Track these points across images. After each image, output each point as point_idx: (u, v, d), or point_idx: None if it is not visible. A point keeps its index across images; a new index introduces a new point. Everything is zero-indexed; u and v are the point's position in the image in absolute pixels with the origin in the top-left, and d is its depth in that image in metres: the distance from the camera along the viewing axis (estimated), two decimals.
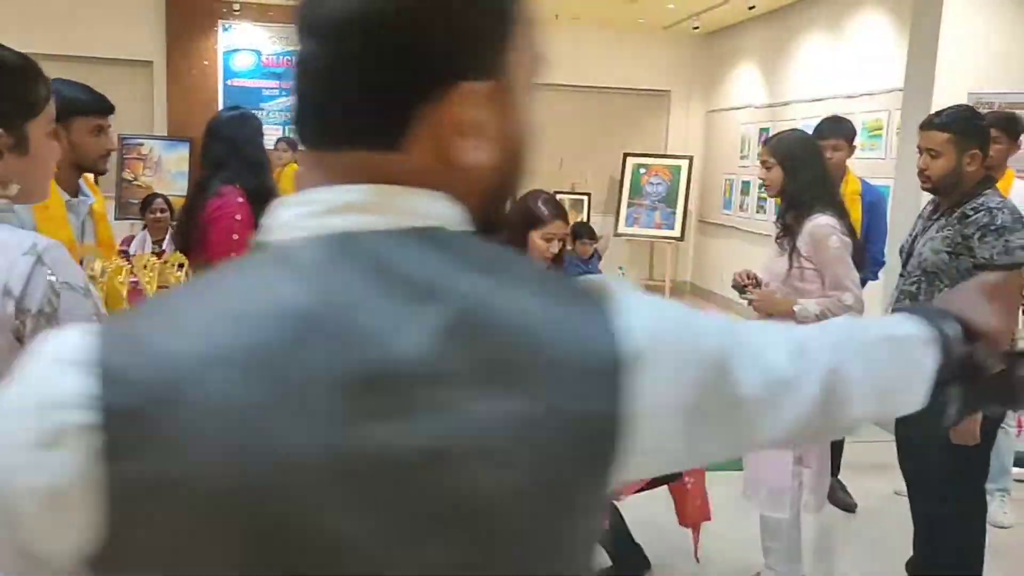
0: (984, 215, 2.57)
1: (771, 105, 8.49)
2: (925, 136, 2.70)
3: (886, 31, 6.67)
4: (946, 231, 2.64)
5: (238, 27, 9.07)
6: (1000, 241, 2.54)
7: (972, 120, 2.71)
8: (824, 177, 2.94)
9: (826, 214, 2.83)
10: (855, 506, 3.95)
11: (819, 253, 2.82)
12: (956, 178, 2.66)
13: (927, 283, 2.68)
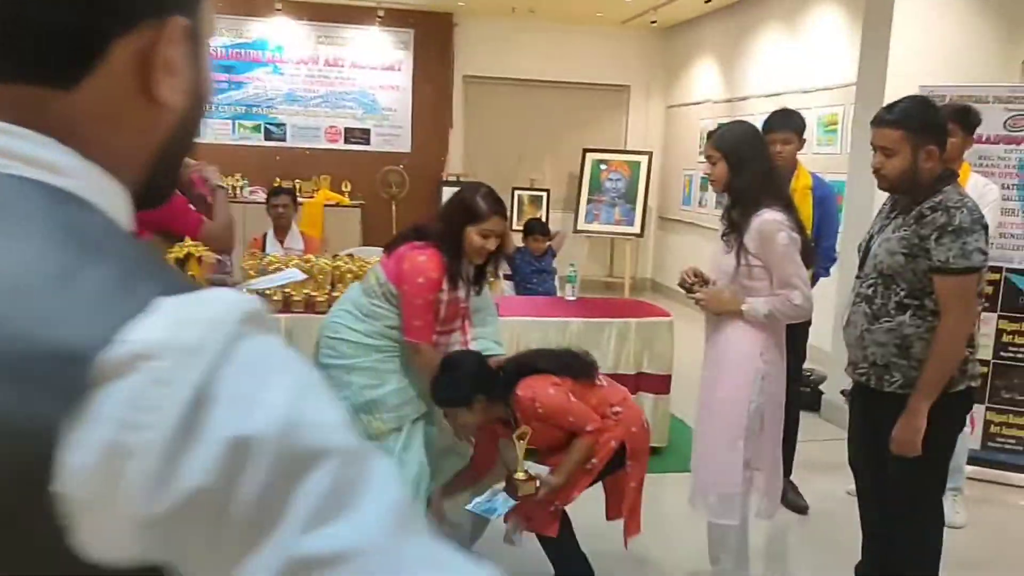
0: (941, 215, 2.41)
1: (729, 100, 8.43)
2: (878, 133, 2.53)
3: (841, 25, 6.63)
4: (903, 231, 2.49)
5: None
6: (957, 243, 2.38)
7: (927, 114, 2.52)
8: (771, 171, 2.82)
9: (773, 209, 2.71)
10: (807, 508, 3.87)
11: (767, 250, 2.69)
12: (913, 176, 2.48)
13: (883, 286, 2.54)
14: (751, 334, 2.74)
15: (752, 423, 2.74)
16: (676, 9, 8.49)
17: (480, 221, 2.68)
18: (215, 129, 8.95)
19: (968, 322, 2.46)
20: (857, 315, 2.61)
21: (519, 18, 9.24)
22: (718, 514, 2.81)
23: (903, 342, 2.49)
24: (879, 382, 2.55)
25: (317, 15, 9.05)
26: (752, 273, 2.74)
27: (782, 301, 2.70)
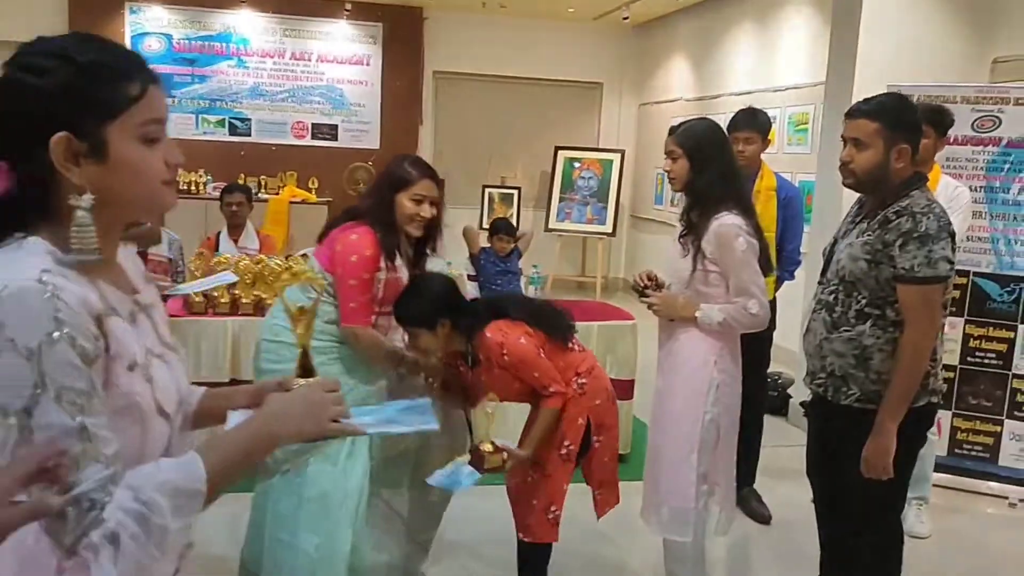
0: (907, 220, 2.28)
1: (701, 98, 8.35)
2: (851, 125, 2.38)
3: (812, 24, 6.56)
4: (867, 236, 2.35)
5: (147, 9, 8.59)
6: (923, 251, 2.25)
7: (905, 112, 2.39)
8: (733, 172, 2.69)
9: (732, 213, 2.59)
10: (770, 517, 3.77)
11: (724, 255, 2.58)
12: (882, 174, 2.35)
13: (844, 293, 2.40)
14: (705, 342, 2.64)
15: (707, 435, 2.63)
16: (648, 6, 8.39)
17: (410, 186, 2.58)
18: (177, 123, 8.72)
19: (932, 333, 2.33)
20: (817, 323, 2.49)
21: (490, 13, 9.10)
22: (670, 530, 2.70)
23: (862, 353, 2.37)
24: (836, 394, 2.43)
25: (283, 7, 8.87)
26: (708, 279, 2.62)
27: (738, 309, 2.59)
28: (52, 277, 1.00)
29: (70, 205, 1.04)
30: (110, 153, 1.07)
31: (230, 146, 8.86)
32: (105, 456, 0.99)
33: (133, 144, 1.09)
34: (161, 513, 0.99)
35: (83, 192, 1.05)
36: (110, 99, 1.07)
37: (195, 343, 3.87)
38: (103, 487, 0.97)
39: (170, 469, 1.04)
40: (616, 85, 9.96)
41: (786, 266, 3.76)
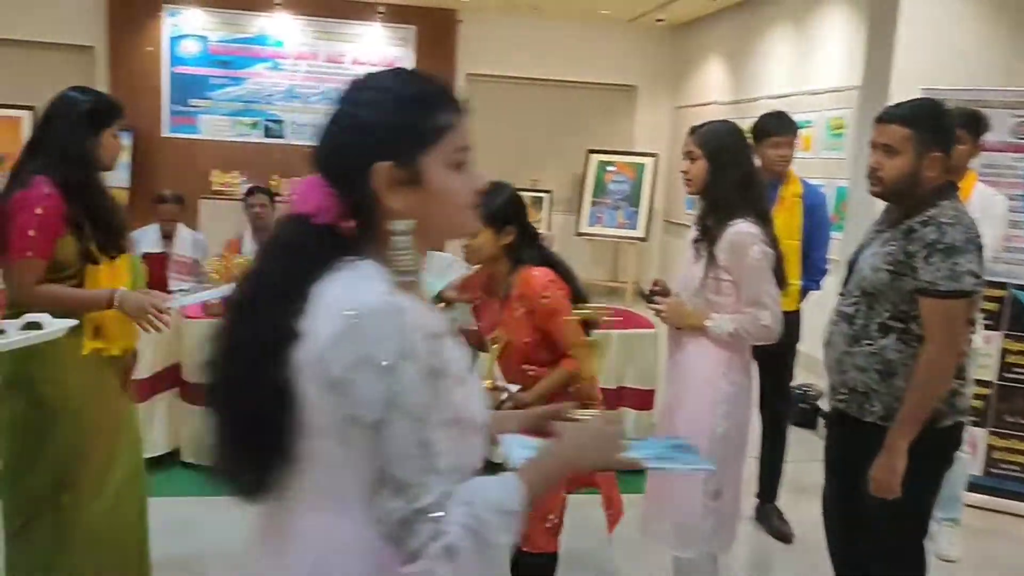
0: (932, 231, 2.16)
1: (737, 101, 8.20)
2: (881, 130, 2.26)
3: (850, 26, 6.39)
4: (889, 246, 2.24)
5: (185, 12, 8.68)
6: (947, 263, 2.13)
7: (939, 118, 2.26)
8: (752, 178, 2.59)
9: (748, 220, 2.50)
10: (792, 536, 3.65)
11: (737, 264, 2.49)
12: (912, 183, 2.23)
13: (866, 305, 2.29)
14: (715, 353, 2.55)
15: (716, 449, 2.53)
16: (683, 7, 8.27)
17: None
18: (213, 125, 8.82)
19: (953, 351, 2.21)
20: (836, 336, 2.38)
21: (523, 15, 9.05)
22: (674, 545, 2.62)
23: (886, 368, 2.25)
24: (859, 410, 2.32)
25: (318, 10, 8.90)
26: (720, 287, 2.53)
27: (750, 320, 2.49)
28: (396, 299, 1.08)
29: (390, 230, 1.13)
30: (426, 180, 1.15)
31: (264, 148, 8.92)
32: (442, 470, 1.06)
33: (445, 171, 1.16)
34: (491, 530, 1.06)
35: (403, 217, 1.13)
36: (427, 129, 1.16)
37: None
38: (443, 500, 1.05)
39: (494, 487, 1.11)
40: (650, 88, 9.84)
41: (812, 275, 3.64)
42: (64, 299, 2.28)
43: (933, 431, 2.22)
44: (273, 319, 1.08)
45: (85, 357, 2.32)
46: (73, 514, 2.36)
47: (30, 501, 2.37)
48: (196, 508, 3.57)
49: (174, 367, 3.96)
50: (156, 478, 3.80)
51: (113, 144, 2.40)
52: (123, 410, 2.47)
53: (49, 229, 2.23)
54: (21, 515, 2.39)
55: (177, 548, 3.24)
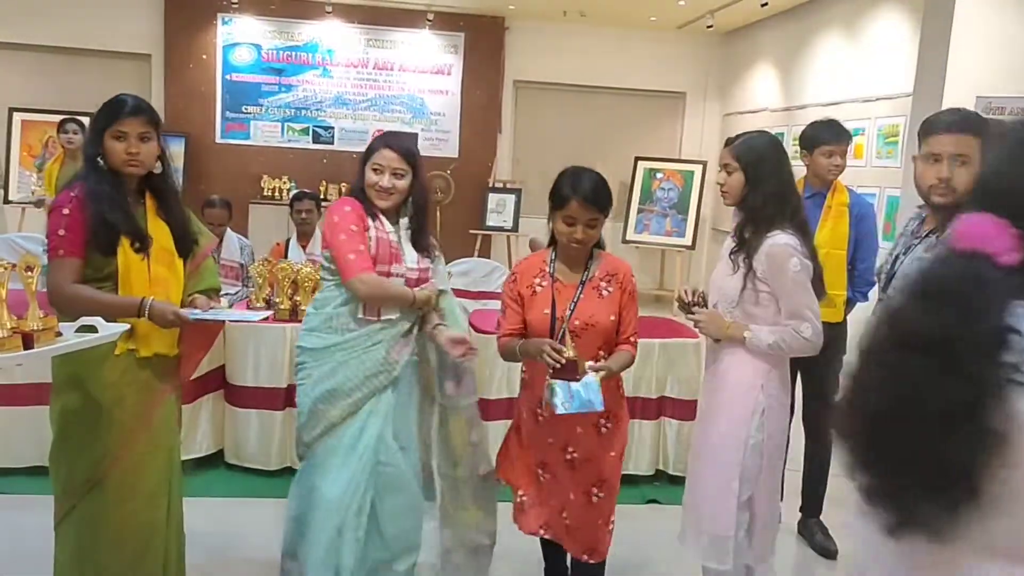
0: None
1: (787, 109, 8.08)
2: (953, 139, 2.25)
3: (903, 32, 6.25)
4: (936, 251, 2.23)
5: (238, 21, 8.86)
6: None
7: (987, 124, 2.31)
8: (790, 189, 2.56)
9: (787, 232, 2.47)
10: (836, 552, 3.56)
11: (776, 277, 2.46)
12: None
13: None
14: (752, 365, 2.51)
15: (749, 461, 2.50)
16: (733, 14, 8.17)
17: (371, 155, 2.62)
18: (264, 131, 8.98)
19: None
20: None
21: (571, 22, 9.04)
22: (709, 556, 2.57)
23: None
24: None
25: (367, 18, 9.01)
26: (758, 299, 2.50)
27: (790, 333, 2.45)
28: None
29: None
30: None
31: (313, 154, 9.05)
32: None
33: None
34: None
35: None
36: None
37: (255, 349, 3.92)
38: None
39: None
40: (700, 95, 9.75)
41: (859, 287, 3.56)
42: (95, 301, 2.31)
43: None
44: (982, 363, 1.03)
45: (118, 357, 2.36)
46: (101, 512, 2.40)
47: (66, 494, 2.43)
48: (238, 509, 3.63)
49: (219, 370, 4.03)
50: (200, 479, 3.88)
51: (115, 147, 2.33)
52: (159, 413, 2.50)
53: (77, 228, 2.27)
54: (62, 509, 2.45)
55: (219, 549, 3.29)
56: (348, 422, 2.60)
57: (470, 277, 5.51)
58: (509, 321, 2.62)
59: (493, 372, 4.07)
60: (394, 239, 2.63)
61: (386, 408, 2.64)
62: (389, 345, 2.60)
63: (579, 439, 2.60)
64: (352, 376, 2.58)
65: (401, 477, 2.68)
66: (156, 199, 2.46)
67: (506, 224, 8.74)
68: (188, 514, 2.73)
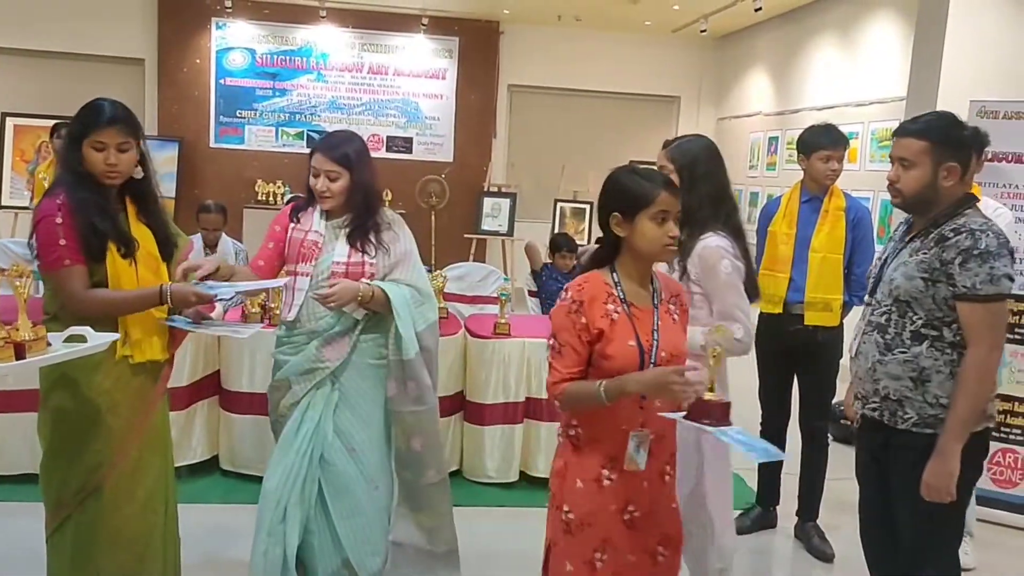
0: (966, 238, 2.22)
1: (781, 113, 8.11)
2: (899, 144, 2.34)
3: (896, 36, 6.28)
4: (921, 255, 2.28)
5: (232, 25, 8.85)
6: (984, 268, 2.19)
7: (953, 129, 2.32)
8: (725, 192, 2.60)
9: (719, 235, 2.51)
10: (832, 555, 3.56)
11: (708, 278, 2.49)
12: (931, 194, 2.29)
13: (899, 313, 2.32)
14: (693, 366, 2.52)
15: (696, 459, 2.52)
16: (727, 18, 8.20)
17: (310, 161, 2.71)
18: (258, 136, 8.97)
19: (998, 353, 2.25)
20: (868, 345, 2.41)
21: (566, 26, 9.06)
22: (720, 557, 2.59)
23: (920, 375, 2.29)
24: (892, 418, 2.34)
25: (361, 22, 9.01)
26: (693, 301, 2.50)
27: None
28: None
29: None
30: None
31: (307, 159, 9.00)
32: None
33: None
34: None
35: None
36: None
37: (250, 354, 3.91)
38: None
39: None
40: (694, 99, 9.78)
41: (855, 291, 3.56)
42: (117, 301, 2.32)
43: (970, 436, 2.25)
44: None
45: (112, 364, 2.35)
46: (97, 519, 2.38)
47: (60, 505, 2.41)
48: (233, 514, 3.62)
49: (214, 375, 4.01)
50: (194, 485, 3.86)
51: (94, 157, 2.30)
52: (153, 418, 2.49)
53: (72, 235, 2.26)
54: (56, 519, 2.43)
55: (213, 554, 3.28)
56: (293, 414, 2.69)
57: (466, 282, 5.50)
58: (568, 362, 2.04)
59: (489, 376, 4.05)
60: (316, 237, 2.68)
61: (323, 402, 2.68)
62: (319, 345, 2.66)
63: (643, 494, 2.12)
64: (292, 368, 2.70)
65: (343, 477, 2.69)
66: (136, 204, 2.45)
67: (501, 228, 8.73)
68: (183, 520, 2.72)
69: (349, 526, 2.69)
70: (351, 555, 2.68)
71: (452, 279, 5.10)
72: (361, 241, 2.67)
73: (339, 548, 2.68)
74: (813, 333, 3.52)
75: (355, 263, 2.66)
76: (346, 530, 2.68)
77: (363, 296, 2.62)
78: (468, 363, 4.16)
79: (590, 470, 2.09)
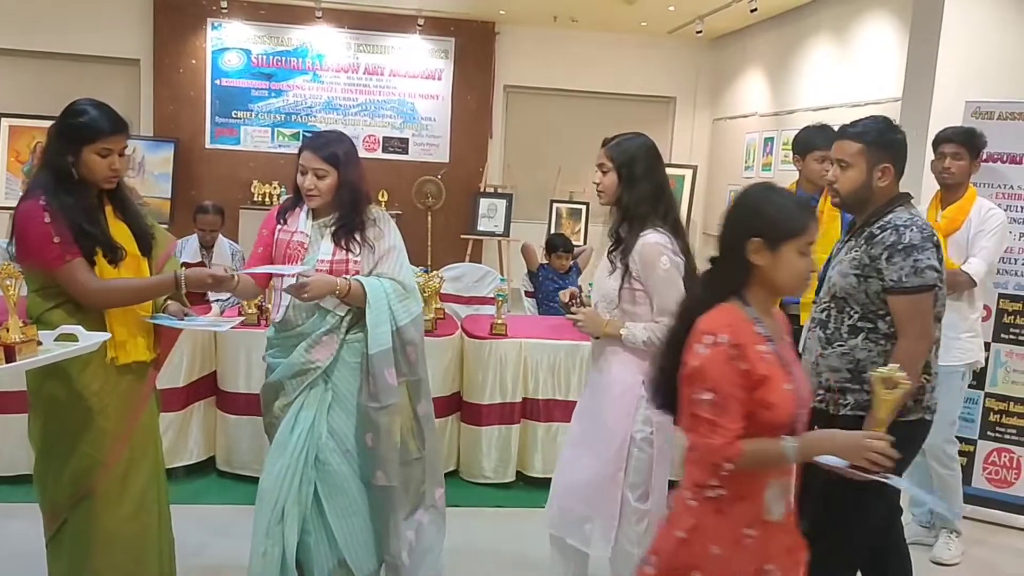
0: (891, 234, 2.36)
1: (776, 113, 8.12)
2: (838, 146, 2.50)
3: (891, 37, 6.30)
4: (854, 252, 2.44)
5: (228, 26, 8.84)
6: (909, 261, 2.33)
7: (887, 132, 2.46)
8: (663, 190, 2.63)
9: (659, 231, 2.55)
10: None
11: (648, 274, 2.53)
12: (866, 193, 2.45)
13: (836, 310, 2.47)
14: (633, 361, 2.57)
15: (642, 453, 2.57)
16: (722, 19, 8.21)
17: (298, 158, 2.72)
18: (254, 136, 8.96)
19: (926, 343, 2.38)
20: (812, 341, 2.55)
21: (561, 27, 9.06)
22: (591, 544, 2.64)
23: (856, 366, 2.43)
24: (834, 406, 2.47)
25: (357, 23, 9.01)
26: (635, 297, 2.56)
27: (662, 329, 2.45)
28: None
29: None
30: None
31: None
32: None
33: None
34: None
35: None
36: None
37: (246, 355, 3.91)
38: None
39: None
40: (689, 99, 9.80)
41: None
42: (131, 288, 2.36)
43: (899, 424, 2.31)
44: None
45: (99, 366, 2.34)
46: (91, 522, 2.38)
47: (55, 509, 2.41)
48: (230, 515, 3.62)
49: (210, 377, 4.01)
50: (191, 486, 3.86)
51: (98, 163, 2.31)
52: (142, 418, 2.49)
53: (66, 232, 2.25)
54: (53, 523, 2.43)
55: (210, 554, 3.28)
56: (287, 414, 2.69)
57: (462, 283, 5.51)
58: (735, 416, 1.76)
59: (486, 377, 4.06)
60: (302, 238, 2.69)
61: (316, 402, 2.68)
62: (307, 346, 2.66)
63: (780, 550, 1.90)
64: (283, 370, 2.69)
65: (337, 477, 2.68)
66: (112, 201, 2.45)
67: (497, 229, 8.74)
68: (179, 521, 2.73)
69: (345, 526, 2.68)
70: (347, 555, 2.68)
71: (449, 280, 5.11)
72: (346, 239, 2.67)
73: (335, 548, 2.68)
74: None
75: (339, 260, 2.66)
76: (342, 530, 2.68)
77: (340, 290, 2.58)
78: (465, 364, 4.16)
79: (731, 532, 1.82)
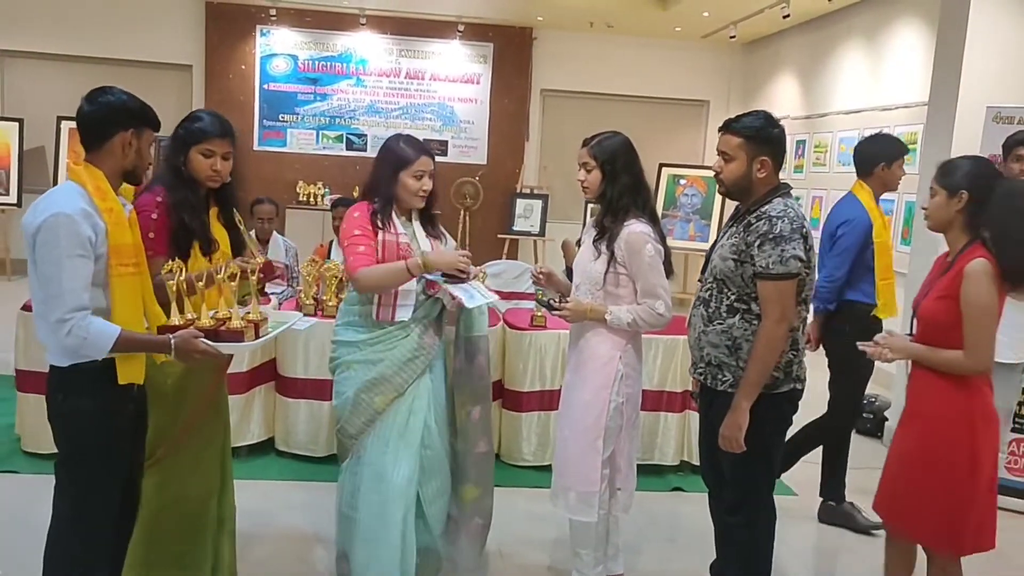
0: (764, 223, 2.53)
1: (809, 116, 8.27)
2: (721, 139, 2.69)
3: (921, 41, 6.43)
4: (733, 238, 2.62)
5: (276, 32, 9.19)
6: (776, 250, 2.50)
7: (766, 127, 2.64)
8: (641, 182, 2.90)
9: (641, 221, 2.82)
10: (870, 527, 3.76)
11: (633, 261, 2.79)
12: (746, 183, 2.63)
13: (718, 290, 2.66)
14: (611, 339, 2.85)
15: (612, 422, 2.84)
16: (755, 24, 8.38)
17: (409, 164, 2.78)
18: (300, 139, 9.30)
19: (785, 325, 2.55)
20: (696, 317, 2.75)
21: (597, 33, 9.28)
22: (576, 511, 2.88)
23: (733, 343, 2.62)
24: (713, 381, 2.68)
25: (399, 29, 9.31)
26: (619, 281, 2.82)
27: (646, 310, 2.78)
28: None
29: None
30: None
31: (347, 160, 9.36)
32: None
33: None
34: None
35: None
36: None
37: (304, 343, 4.18)
38: None
39: None
40: (723, 103, 9.95)
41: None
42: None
43: (772, 396, 2.60)
44: None
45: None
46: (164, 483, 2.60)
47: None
48: (287, 491, 3.89)
49: (271, 363, 4.29)
50: (253, 464, 4.15)
51: (201, 162, 2.58)
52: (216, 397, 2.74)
53: (163, 231, 2.54)
54: None
55: (268, 528, 3.55)
56: (395, 408, 2.76)
57: (502, 279, 5.74)
58: None
59: (526, 366, 4.30)
60: (405, 239, 2.80)
61: (427, 392, 2.82)
62: (421, 331, 2.80)
63: None
64: (392, 363, 2.77)
65: (438, 459, 2.85)
66: (219, 206, 2.73)
67: (533, 229, 8.98)
68: (241, 494, 2.96)
69: (435, 507, 2.85)
70: (433, 537, 2.85)
71: (489, 276, 5.34)
72: (432, 228, 2.92)
73: (426, 530, 2.83)
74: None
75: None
76: (433, 511, 2.85)
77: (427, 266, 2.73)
78: (506, 353, 4.40)
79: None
